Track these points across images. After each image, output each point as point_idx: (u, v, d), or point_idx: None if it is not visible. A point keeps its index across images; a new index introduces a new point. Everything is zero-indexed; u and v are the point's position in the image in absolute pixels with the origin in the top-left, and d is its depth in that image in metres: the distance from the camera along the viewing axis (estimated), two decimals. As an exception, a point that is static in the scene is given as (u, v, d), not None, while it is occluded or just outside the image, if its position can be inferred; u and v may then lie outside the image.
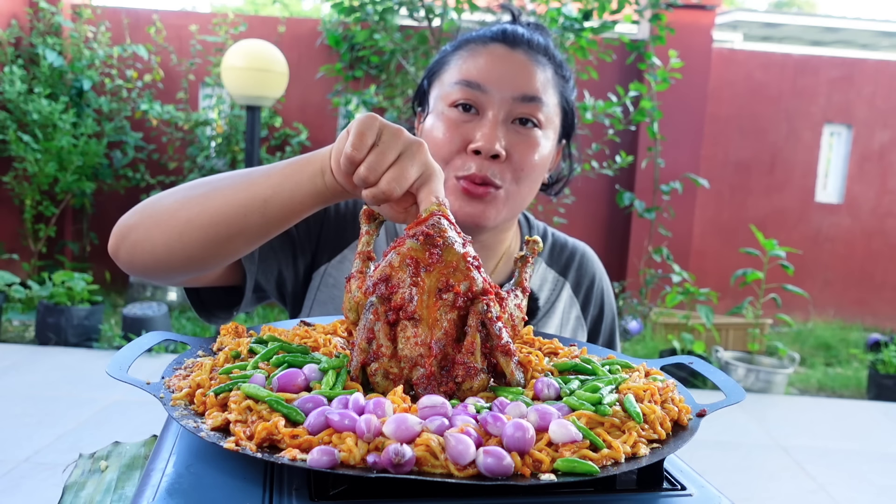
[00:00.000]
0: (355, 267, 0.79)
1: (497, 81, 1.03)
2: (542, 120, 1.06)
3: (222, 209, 0.85)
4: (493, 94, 1.03)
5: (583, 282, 1.24)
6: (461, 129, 1.03)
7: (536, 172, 1.07)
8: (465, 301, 0.70)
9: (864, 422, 4.55)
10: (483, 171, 1.02)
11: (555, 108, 1.09)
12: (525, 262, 0.84)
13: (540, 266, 1.21)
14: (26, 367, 4.53)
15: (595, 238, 6.79)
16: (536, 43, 1.09)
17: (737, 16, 8.92)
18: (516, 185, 1.05)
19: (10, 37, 5.94)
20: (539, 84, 1.05)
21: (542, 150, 1.06)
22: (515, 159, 1.03)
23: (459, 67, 1.06)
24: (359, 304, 0.75)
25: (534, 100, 1.04)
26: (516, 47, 1.06)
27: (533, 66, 1.06)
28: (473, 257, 0.72)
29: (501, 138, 1.02)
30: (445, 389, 0.67)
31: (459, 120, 1.04)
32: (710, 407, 0.69)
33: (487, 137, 1.01)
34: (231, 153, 6.11)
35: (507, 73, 1.04)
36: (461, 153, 1.03)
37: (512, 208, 1.07)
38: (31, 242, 6.14)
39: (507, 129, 1.04)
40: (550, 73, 1.08)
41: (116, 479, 0.93)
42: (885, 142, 6.96)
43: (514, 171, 1.04)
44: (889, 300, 7.14)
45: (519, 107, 1.04)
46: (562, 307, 1.20)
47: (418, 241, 0.70)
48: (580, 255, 1.25)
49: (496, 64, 1.04)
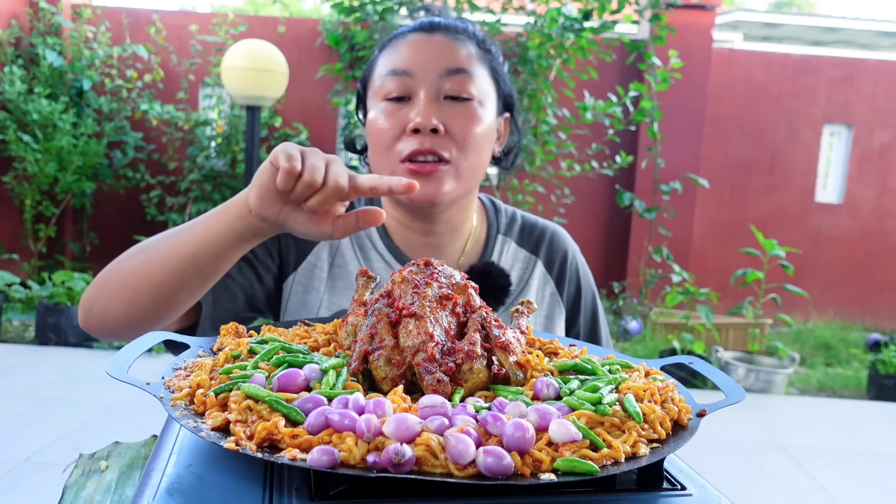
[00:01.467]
0: (350, 311, 0.80)
1: (421, 63, 1.07)
2: (474, 93, 1.08)
3: (160, 270, 0.94)
4: (420, 75, 1.06)
5: (555, 259, 1.24)
6: (397, 116, 1.07)
7: (480, 143, 1.09)
8: (464, 310, 0.74)
9: (864, 422, 4.56)
10: (426, 145, 1.05)
11: (486, 79, 1.11)
12: (521, 314, 0.85)
13: (510, 246, 1.23)
14: (26, 367, 4.53)
15: (595, 238, 6.80)
16: (454, 25, 1.12)
17: (737, 16, 8.92)
18: (463, 155, 1.07)
19: (10, 37, 5.94)
20: (462, 57, 1.08)
21: (482, 122, 1.08)
22: (456, 132, 1.06)
23: (385, 62, 1.10)
24: (356, 327, 0.75)
25: (460, 72, 1.07)
26: (434, 32, 1.10)
27: (453, 43, 1.09)
28: (470, 280, 0.77)
29: (438, 113, 1.05)
30: (445, 370, 0.67)
31: (394, 108, 1.08)
32: (710, 407, 0.69)
33: (423, 114, 1.04)
34: (231, 153, 6.11)
35: (430, 53, 1.07)
36: (401, 137, 1.07)
37: (464, 181, 1.09)
38: (31, 242, 6.14)
39: (440, 106, 1.06)
40: (473, 48, 1.11)
41: (116, 479, 0.93)
42: (885, 142, 6.96)
43: (457, 144, 1.06)
44: (889, 300, 7.14)
45: (447, 81, 1.06)
46: (536, 285, 1.21)
47: (418, 265, 0.75)
48: (550, 233, 1.26)
49: (417, 48, 1.08)
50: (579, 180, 6.07)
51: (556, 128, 5.60)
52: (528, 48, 5.27)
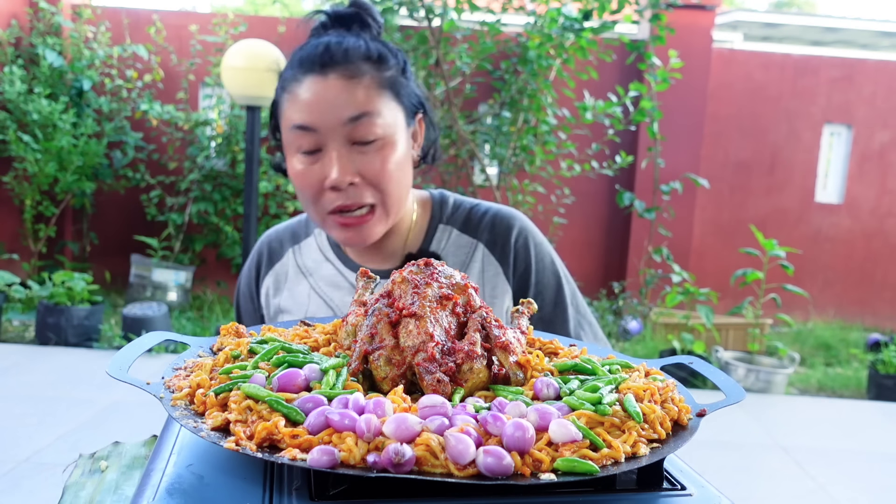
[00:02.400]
0: (350, 311, 0.80)
1: (322, 115, 1.07)
2: (380, 132, 1.09)
3: None
4: (324, 129, 1.08)
5: (498, 239, 1.24)
6: (313, 172, 1.10)
7: (398, 174, 1.12)
8: (464, 310, 0.74)
9: (864, 422, 4.56)
10: (349, 200, 1.09)
11: (388, 107, 1.11)
12: (521, 315, 0.85)
13: (451, 233, 1.25)
14: (26, 367, 4.53)
15: (595, 238, 6.80)
16: (349, 52, 1.10)
17: (737, 16, 8.93)
18: (385, 195, 1.11)
19: (10, 37, 5.94)
20: (360, 100, 1.08)
21: (394, 156, 1.11)
22: (371, 177, 1.09)
23: (290, 109, 1.11)
24: (356, 327, 0.75)
25: (362, 116, 1.07)
26: (328, 71, 1.08)
27: (349, 85, 1.08)
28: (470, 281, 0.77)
29: (350, 165, 1.08)
30: (445, 370, 0.67)
31: (308, 164, 1.11)
32: (710, 407, 0.69)
33: (338, 171, 1.07)
34: (231, 153, 6.11)
35: (328, 102, 1.07)
36: (322, 192, 1.11)
37: (392, 214, 1.15)
38: (31, 242, 6.14)
39: (351, 155, 1.08)
40: (369, 77, 1.09)
41: (116, 479, 0.93)
42: (885, 142, 6.96)
43: (374, 186, 1.10)
44: (889, 300, 7.14)
45: (352, 129, 1.07)
46: (477, 267, 1.23)
47: (418, 265, 0.76)
48: (492, 215, 1.25)
49: (316, 98, 1.08)
50: (579, 180, 6.07)
51: (556, 128, 5.59)
52: (528, 48, 5.26)
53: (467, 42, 5.50)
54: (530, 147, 5.52)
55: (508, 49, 5.64)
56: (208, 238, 6.27)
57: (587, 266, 6.75)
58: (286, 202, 6.17)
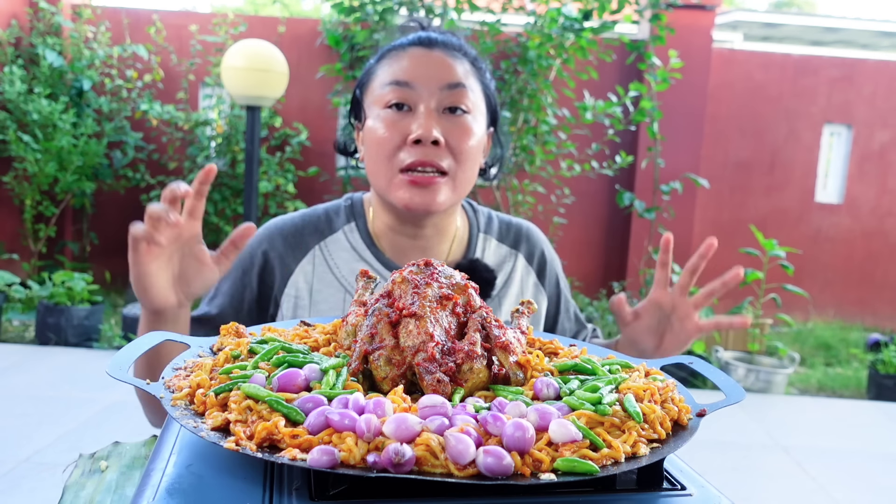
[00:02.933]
0: (350, 311, 0.80)
1: (423, 77, 1.13)
2: (469, 106, 1.15)
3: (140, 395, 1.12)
4: (421, 88, 1.12)
5: (534, 252, 1.33)
6: (399, 126, 1.12)
7: (474, 155, 1.16)
8: (464, 310, 0.74)
9: (864, 422, 4.56)
10: (427, 157, 1.11)
11: (479, 94, 1.18)
12: (521, 315, 0.85)
13: (491, 243, 1.30)
14: (26, 367, 4.53)
15: (595, 238, 6.80)
16: (450, 42, 1.19)
17: (737, 16, 8.92)
18: (459, 167, 1.14)
19: (10, 37, 5.94)
20: (460, 73, 1.15)
21: (475, 135, 1.15)
22: (453, 144, 1.12)
23: (386, 72, 1.16)
24: (356, 327, 0.75)
25: (458, 86, 1.13)
26: (433, 47, 1.17)
27: (451, 60, 1.16)
28: (470, 281, 0.78)
29: (437, 126, 1.11)
30: (445, 370, 0.67)
31: (396, 118, 1.13)
32: (710, 407, 0.69)
33: (425, 126, 1.10)
34: (231, 153, 6.11)
35: (430, 68, 1.14)
36: (402, 147, 1.12)
37: (458, 191, 1.16)
38: (31, 242, 6.14)
39: (440, 118, 1.13)
40: (468, 65, 1.18)
41: (116, 479, 0.93)
42: (885, 142, 6.96)
43: (454, 155, 1.13)
44: (889, 300, 7.14)
45: (447, 95, 1.13)
46: (519, 276, 1.30)
47: (418, 265, 0.76)
48: (526, 230, 1.35)
49: (419, 62, 1.14)
50: (579, 180, 6.07)
51: (556, 128, 5.59)
52: (528, 48, 5.26)
53: (467, 42, 5.50)
54: (530, 147, 5.52)
55: (508, 49, 5.64)
56: (208, 238, 6.25)
57: (587, 266, 6.75)
58: (286, 202, 6.17)
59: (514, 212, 5.69)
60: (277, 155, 6.19)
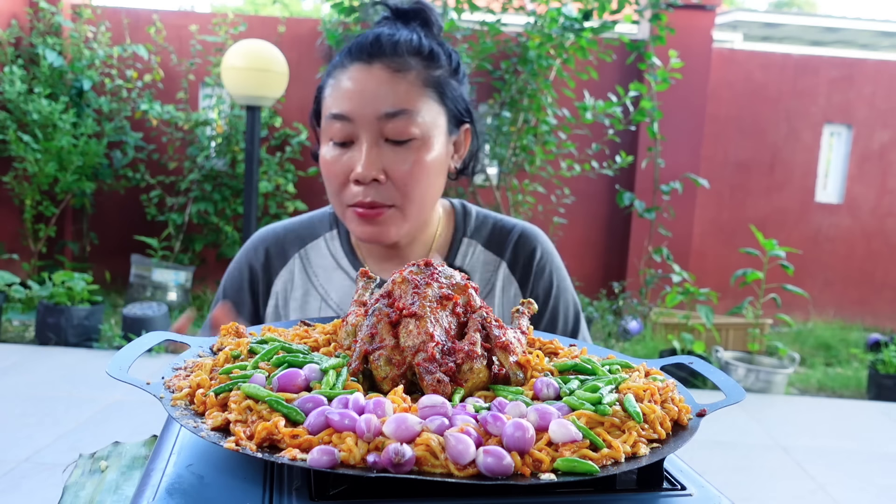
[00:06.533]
0: (350, 311, 0.80)
1: (360, 106, 1.04)
2: (416, 132, 1.05)
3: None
4: (359, 120, 1.05)
5: (519, 259, 1.23)
6: (341, 163, 1.07)
7: (425, 181, 1.08)
8: (464, 310, 0.74)
9: (864, 422, 4.55)
10: (368, 197, 1.06)
11: (430, 109, 1.07)
12: (521, 315, 0.85)
13: (476, 249, 1.23)
14: (26, 367, 4.53)
15: (595, 238, 6.79)
16: (399, 44, 1.07)
17: (737, 16, 8.93)
18: (407, 199, 1.07)
19: (10, 37, 5.94)
20: (401, 95, 1.05)
21: (426, 161, 1.07)
22: (397, 177, 1.05)
23: (330, 97, 1.09)
24: (356, 327, 0.75)
25: (398, 114, 1.04)
26: (374, 61, 1.06)
27: (393, 78, 1.05)
28: (470, 281, 0.77)
29: (378, 161, 1.05)
30: (445, 370, 0.67)
31: (338, 154, 1.08)
32: (710, 407, 0.69)
33: (364, 165, 1.04)
34: (231, 153, 6.11)
35: (367, 94, 1.04)
36: (347, 184, 1.08)
37: (412, 219, 1.10)
38: (31, 242, 6.14)
39: (382, 150, 1.05)
40: (415, 74, 1.06)
41: (116, 480, 0.93)
42: (885, 142, 6.96)
43: (399, 189, 1.06)
44: (889, 300, 7.14)
45: (387, 124, 1.04)
46: (500, 286, 1.22)
47: (418, 266, 0.75)
48: (517, 234, 1.24)
49: (357, 86, 1.05)
50: (579, 180, 6.07)
51: (556, 128, 5.59)
52: (528, 48, 5.27)
53: (467, 42, 5.50)
54: (530, 147, 5.52)
55: (508, 49, 5.64)
56: (208, 238, 6.27)
57: (587, 266, 6.75)
58: (286, 202, 6.17)
59: (514, 212, 5.69)
60: (277, 155, 6.19)
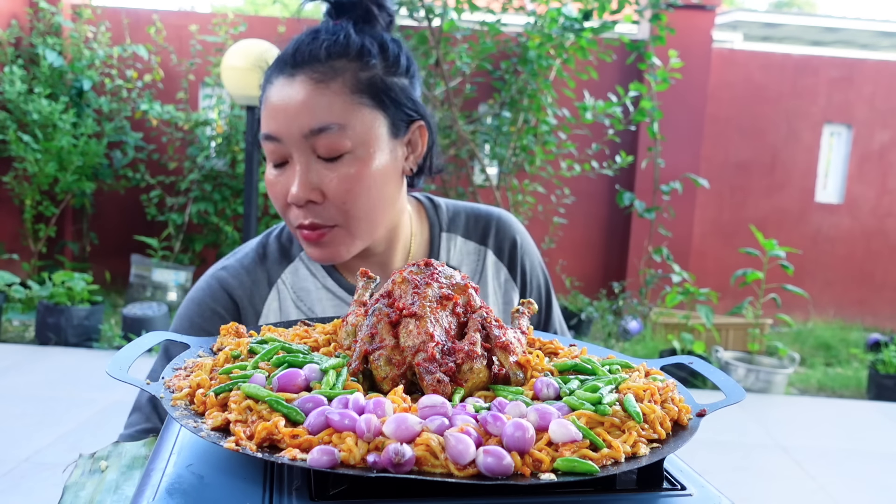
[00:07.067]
0: (350, 311, 0.80)
1: (284, 126, 0.97)
2: (348, 145, 0.97)
3: None
4: (287, 139, 0.98)
5: (504, 245, 1.21)
6: (279, 184, 1.01)
7: (367, 195, 1.00)
8: (464, 310, 0.73)
9: (864, 422, 4.56)
10: (308, 219, 1.00)
11: (364, 117, 0.99)
12: (521, 315, 0.84)
13: (457, 241, 1.19)
14: (26, 367, 4.53)
15: (595, 238, 6.79)
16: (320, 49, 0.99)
17: (737, 16, 8.93)
18: (349, 216, 1.00)
19: (10, 37, 5.94)
20: (325, 109, 0.96)
21: (364, 173, 0.99)
22: (334, 196, 0.98)
23: (262, 114, 1.02)
24: (356, 327, 0.75)
25: (325, 129, 0.96)
26: (297, 72, 0.98)
27: (315, 90, 0.97)
28: (471, 282, 0.77)
29: (311, 181, 0.98)
30: (445, 370, 0.67)
31: (275, 175, 1.02)
32: (710, 407, 0.69)
33: (297, 187, 0.98)
34: (231, 153, 6.11)
35: (290, 111, 0.97)
36: (288, 206, 1.02)
37: (362, 234, 1.04)
38: (31, 242, 6.14)
39: (317, 167, 0.98)
40: (341, 81, 0.98)
41: (116, 480, 0.93)
42: (885, 142, 6.96)
43: (338, 207, 0.99)
44: (889, 300, 7.14)
45: (316, 141, 0.97)
46: (490, 274, 1.19)
47: (418, 266, 0.75)
48: (496, 220, 1.21)
49: (281, 102, 0.98)
50: (579, 180, 6.07)
51: (556, 128, 5.60)
52: (528, 48, 5.27)
53: (467, 42, 5.50)
54: (530, 147, 5.52)
55: (508, 49, 5.64)
56: (208, 238, 6.27)
57: (587, 266, 6.75)
58: (286, 202, 6.17)
59: (515, 212, 5.69)
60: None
